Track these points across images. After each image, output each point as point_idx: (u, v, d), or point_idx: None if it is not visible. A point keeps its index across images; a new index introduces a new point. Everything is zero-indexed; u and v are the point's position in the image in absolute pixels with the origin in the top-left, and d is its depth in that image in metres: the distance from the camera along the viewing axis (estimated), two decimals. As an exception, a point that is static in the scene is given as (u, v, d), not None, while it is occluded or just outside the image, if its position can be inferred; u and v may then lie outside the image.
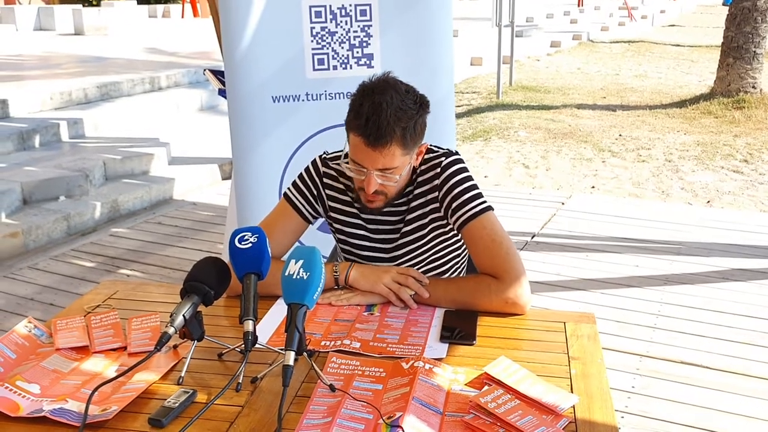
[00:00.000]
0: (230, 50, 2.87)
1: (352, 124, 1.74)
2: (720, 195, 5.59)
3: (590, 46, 15.30)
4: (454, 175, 1.88)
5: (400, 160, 1.75)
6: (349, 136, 1.76)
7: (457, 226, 1.88)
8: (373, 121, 1.68)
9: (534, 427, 1.29)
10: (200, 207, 5.43)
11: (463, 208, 1.85)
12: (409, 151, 1.77)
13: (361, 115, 1.70)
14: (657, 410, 2.79)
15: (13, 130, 5.94)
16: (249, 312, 1.49)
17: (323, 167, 1.99)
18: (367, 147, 1.71)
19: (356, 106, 1.73)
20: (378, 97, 1.70)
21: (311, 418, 1.35)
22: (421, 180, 1.91)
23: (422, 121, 1.77)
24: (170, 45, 10.69)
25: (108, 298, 1.92)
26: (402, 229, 1.95)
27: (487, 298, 1.78)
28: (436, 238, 1.96)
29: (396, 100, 1.70)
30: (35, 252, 4.55)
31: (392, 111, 1.68)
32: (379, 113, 1.68)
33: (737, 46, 8.59)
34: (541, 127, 7.73)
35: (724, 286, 3.88)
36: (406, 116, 1.71)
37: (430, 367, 1.49)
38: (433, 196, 1.90)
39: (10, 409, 1.36)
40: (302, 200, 1.98)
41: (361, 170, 1.77)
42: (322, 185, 1.98)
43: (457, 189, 1.87)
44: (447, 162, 1.89)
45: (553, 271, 4.08)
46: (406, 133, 1.72)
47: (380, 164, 1.74)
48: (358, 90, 1.75)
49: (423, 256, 1.98)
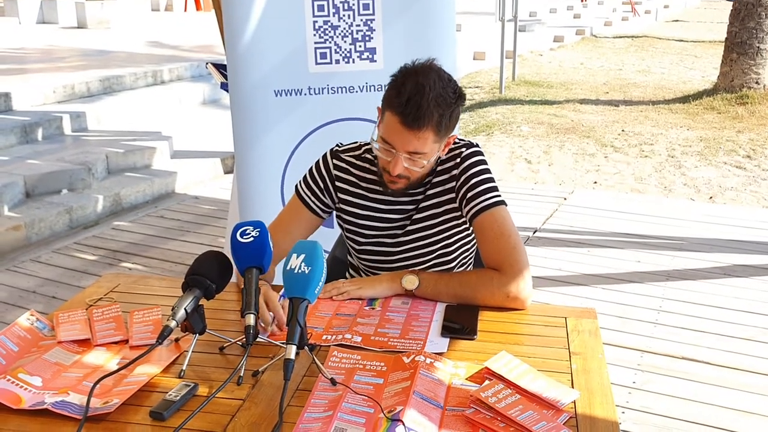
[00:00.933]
0: (233, 44, 2.87)
1: (392, 101, 1.72)
2: (722, 191, 5.58)
3: (593, 41, 15.26)
4: (473, 167, 1.88)
5: (431, 146, 1.75)
6: (385, 114, 1.75)
7: (470, 216, 1.87)
8: (414, 102, 1.67)
9: (534, 422, 1.29)
10: (202, 201, 5.43)
11: (477, 198, 1.85)
12: (441, 139, 1.77)
13: (403, 94, 1.69)
14: (658, 406, 2.79)
15: (16, 124, 5.94)
16: (250, 306, 1.49)
17: (333, 159, 1.98)
18: (403, 127, 1.70)
19: (398, 84, 1.72)
20: (422, 78, 1.69)
21: (312, 411, 1.35)
22: (441, 169, 1.91)
23: (457, 112, 1.77)
24: (173, 38, 10.68)
25: (110, 291, 1.92)
26: (414, 216, 1.94)
27: (489, 292, 1.78)
28: (447, 229, 1.95)
29: (438, 85, 1.70)
30: (38, 245, 4.55)
31: (434, 95, 1.68)
32: (422, 95, 1.67)
33: (741, 42, 8.56)
34: (544, 122, 7.72)
35: (726, 281, 3.88)
36: (445, 103, 1.71)
37: (431, 361, 1.49)
38: (450, 186, 1.90)
39: (13, 402, 1.37)
40: (311, 195, 1.98)
41: (390, 151, 1.76)
42: (330, 178, 1.97)
43: (474, 180, 1.87)
44: (467, 153, 1.89)
45: (555, 266, 4.07)
46: (442, 120, 1.72)
47: (411, 147, 1.73)
48: (400, 70, 1.75)
49: (430, 248, 1.96)
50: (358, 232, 2.00)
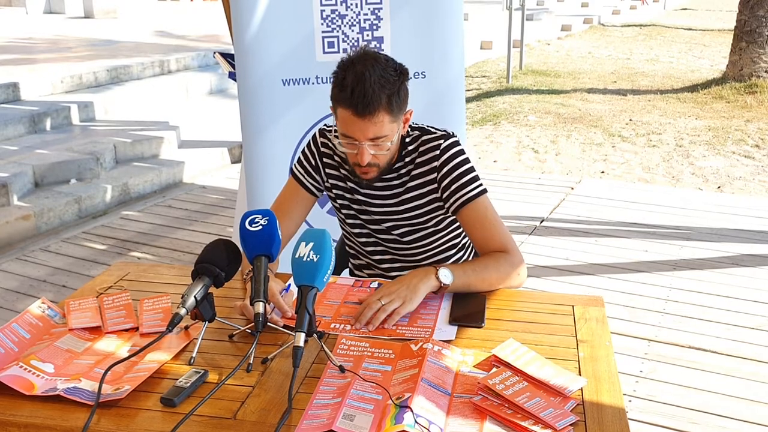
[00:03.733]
0: (240, 33, 2.87)
1: (338, 97, 1.75)
2: (731, 180, 5.56)
3: (601, 30, 15.18)
4: (454, 158, 1.90)
5: (389, 127, 1.77)
6: (337, 111, 1.78)
7: (454, 208, 1.90)
8: (359, 91, 1.69)
9: (542, 409, 1.30)
10: (210, 190, 5.44)
11: (462, 190, 1.88)
12: (396, 118, 1.78)
13: (346, 87, 1.71)
14: (665, 395, 2.80)
15: (24, 113, 5.97)
16: (259, 294, 1.50)
17: (321, 138, 2.02)
18: (356, 117, 1.73)
19: (339, 80, 1.74)
20: (360, 66, 1.72)
21: (321, 398, 1.36)
22: (420, 161, 1.92)
23: (405, 89, 1.79)
24: (180, 28, 10.68)
25: (120, 279, 1.94)
26: (397, 208, 1.96)
27: (506, 271, 1.82)
28: (434, 220, 1.98)
29: (378, 69, 1.72)
30: (47, 234, 4.58)
31: (375, 78, 1.70)
32: (364, 82, 1.69)
33: (750, 30, 8.49)
34: (551, 112, 7.69)
35: (734, 271, 3.87)
36: (389, 84, 1.72)
37: (439, 349, 1.50)
38: (431, 178, 1.92)
39: (25, 388, 1.38)
40: (305, 173, 2.02)
41: (353, 143, 1.78)
42: (319, 155, 2.01)
43: (457, 171, 1.89)
44: (446, 144, 1.91)
45: (562, 256, 4.07)
46: (392, 100, 1.73)
47: (371, 133, 1.75)
48: (338, 65, 1.77)
49: (423, 240, 2.00)
50: (347, 213, 2.04)
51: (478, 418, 1.30)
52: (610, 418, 1.32)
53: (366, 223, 2.03)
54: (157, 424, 1.31)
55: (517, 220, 4.60)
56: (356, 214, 2.03)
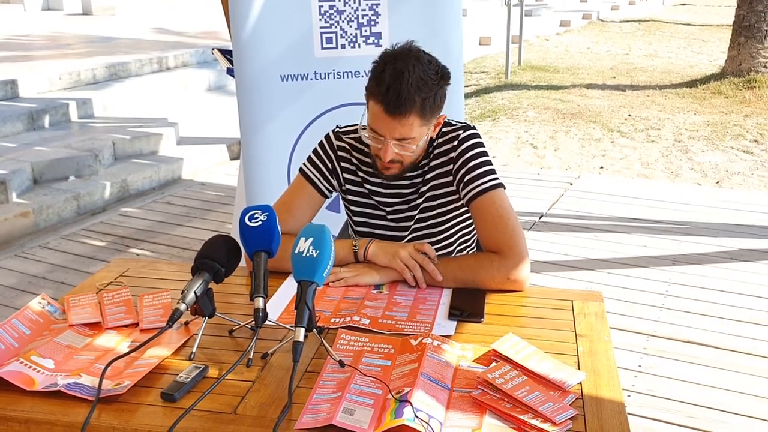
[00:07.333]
0: (238, 29, 2.87)
1: (373, 90, 1.72)
2: (729, 175, 5.56)
3: (600, 26, 15.16)
4: (470, 149, 1.88)
5: (418, 130, 1.74)
6: (369, 103, 1.76)
7: (467, 199, 1.88)
8: (393, 90, 1.66)
9: (541, 403, 1.30)
10: (209, 187, 5.45)
11: (475, 181, 1.85)
12: (428, 122, 1.76)
13: (382, 83, 1.68)
14: (664, 389, 2.80)
15: (22, 111, 5.95)
16: (259, 289, 1.50)
17: (337, 141, 1.99)
18: (386, 115, 1.70)
19: (377, 73, 1.71)
20: (400, 65, 1.68)
21: (321, 393, 1.37)
22: (438, 152, 1.90)
23: (442, 93, 1.76)
24: (178, 24, 10.66)
25: (119, 275, 1.94)
26: (414, 201, 1.95)
27: (489, 275, 1.78)
28: (447, 212, 1.96)
29: (418, 69, 1.68)
30: (46, 231, 4.58)
31: (413, 81, 1.67)
32: (401, 82, 1.66)
33: (749, 25, 8.48)
34: (550, 107, 7.69)
35: (732, 266, 3.88)
36: (426, 87, 1.69)
37: (438, 343, 1.51)
38: (448, 169, 1.90)
39: (26, 383, 1.39)
40: (318, 174, 1.98)
41: (379, 138, 1.76)
42: (336, 159, 1.98)
43: (472, 163, 1.87)
44: (464, 135, 1.89)
45: (561, 251, 4.08)
46: (426, 104, 1.70)
47: (398, 134, 1.73)
48: (380, 56, 1.74)
49: (431, 229, 1.97)
50: (360, 212, 2.01)
51: (477, 412, 1.31)
52: (609, 412, 1.33)
53: (374, 229, 2.00)
54: (157, 419, 1.32)
55: (516, 215, 4.60)
56: (367, 221, 2.01)
